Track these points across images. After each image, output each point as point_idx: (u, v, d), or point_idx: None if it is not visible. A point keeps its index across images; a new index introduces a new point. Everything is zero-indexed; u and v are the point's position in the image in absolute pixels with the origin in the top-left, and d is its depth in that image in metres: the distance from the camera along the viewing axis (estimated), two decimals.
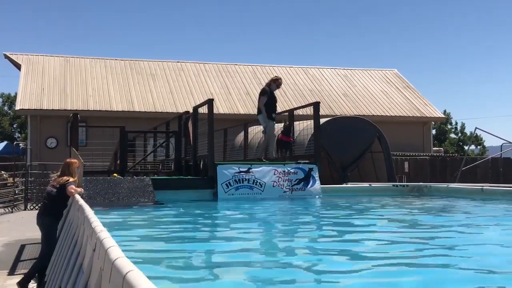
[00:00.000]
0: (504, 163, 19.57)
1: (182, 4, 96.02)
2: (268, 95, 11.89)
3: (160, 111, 23.45)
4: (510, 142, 21.89)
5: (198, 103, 15.22)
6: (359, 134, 17.84)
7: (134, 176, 11.57)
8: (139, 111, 23.39)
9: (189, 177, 12.09)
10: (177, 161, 13.83)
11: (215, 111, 11.97)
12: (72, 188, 7.41)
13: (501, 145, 22.13)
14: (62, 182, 7.56)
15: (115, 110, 23.16)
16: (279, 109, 22.95)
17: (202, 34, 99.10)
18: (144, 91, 24.96)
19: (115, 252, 2.50)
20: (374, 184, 13.79)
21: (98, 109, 23.03)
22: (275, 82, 12.09)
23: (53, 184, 7.77)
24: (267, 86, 12.18)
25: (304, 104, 18.59)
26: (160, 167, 15.64)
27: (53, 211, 7.58)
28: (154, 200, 9.81)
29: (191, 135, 12.44)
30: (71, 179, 7.57)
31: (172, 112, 21.84)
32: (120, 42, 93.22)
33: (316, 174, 11.38)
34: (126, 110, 23.31)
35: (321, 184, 11.53)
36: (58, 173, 7.94)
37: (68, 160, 8.18)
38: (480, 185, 12.97)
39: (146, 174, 13.57)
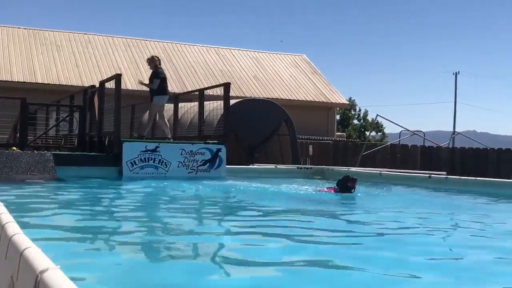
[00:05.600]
0: (402, 149, 20.58)
1: None
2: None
3: (64, 84, 22.53)
4: (408, 130, 23.10)
5: (105, 77, 14.80)
6: (268, 116, 18.17)
7: (35, 151, 11.11)
8: (42, 83, 22.36)
9: (93, 153, 11.79)
10: (81, 136, 13.44)
11: (123, 86, 11.73)
12: None
13: (400, 132, 23.29)
14: None
15: (16, 80, 22.00)
16: (189, 88, 22.80)
17: (111, 7, 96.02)
18: (48, 62, 23.88)
19: (12, 228, 2.43)
20: (279, 166, 14.12)
21: None
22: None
23: None
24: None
25: (214, 84, 18.60)
26: (63, 142, 15.12)
27: None
28: (55, 176, 9.50)
29: (96, 110, 12.12)
30: None
31: (77, 86, 21.08)
32: (24, 11, 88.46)
33: (223, 155, 11.47)
34: (28, 81, 22.22)
35: (228, 164, 11.64)
36: None
37: None
38: (379, 169, 13.65)
39: (47, 149, 13.07)
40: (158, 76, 12.18)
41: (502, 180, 10.61)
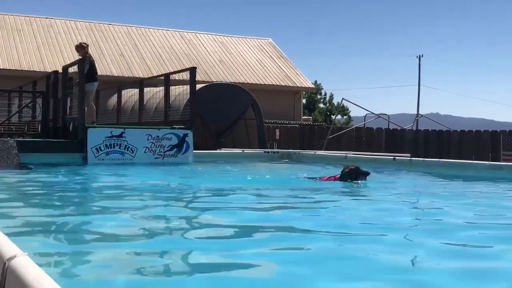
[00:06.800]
0: (367, 132, 20.87)
1: None
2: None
3: (26, 69, 22.05)
4: (373, 113, 23.41)
5: (68, 62, 14.54)
6: (234, 101, 18.17)
7: None
8: (3, 69, 21.84)
9: (57, 139, 11.62)
10: (44, 123, 13.23)
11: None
12: None
13: (365, 116, 23.62)
14: None
15: None
16: (154, 73, 22.62)
17: None
18: (8, 46, 23.31)
19: None
20: (246, 150, 14.15)
21: None
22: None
23: None
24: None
25: (180, 68, 18.46)
26: (26, 128, 14.86)
27: None
28: (19, 163, 9.33)
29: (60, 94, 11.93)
30: None
31: (39, 71, 20.66)
32: None
33: (190, 140, 11.44)
34: None
35: (195, 149, 11.61)
36: None
37: None
38: (345, 152, 13.82)
39: (10, 136, 12.83)
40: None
41: (464, 161, 10.89)
